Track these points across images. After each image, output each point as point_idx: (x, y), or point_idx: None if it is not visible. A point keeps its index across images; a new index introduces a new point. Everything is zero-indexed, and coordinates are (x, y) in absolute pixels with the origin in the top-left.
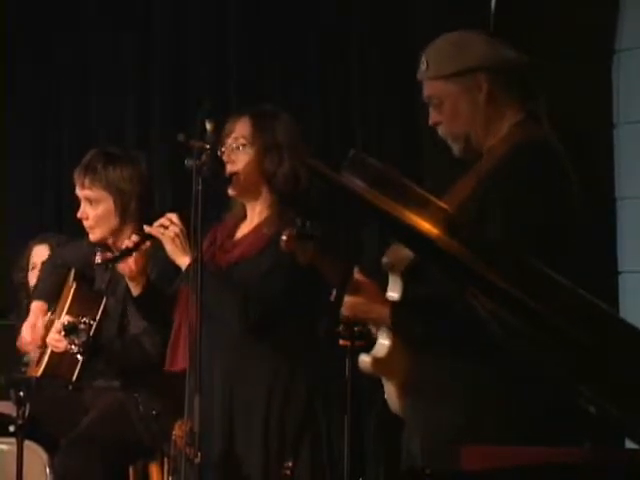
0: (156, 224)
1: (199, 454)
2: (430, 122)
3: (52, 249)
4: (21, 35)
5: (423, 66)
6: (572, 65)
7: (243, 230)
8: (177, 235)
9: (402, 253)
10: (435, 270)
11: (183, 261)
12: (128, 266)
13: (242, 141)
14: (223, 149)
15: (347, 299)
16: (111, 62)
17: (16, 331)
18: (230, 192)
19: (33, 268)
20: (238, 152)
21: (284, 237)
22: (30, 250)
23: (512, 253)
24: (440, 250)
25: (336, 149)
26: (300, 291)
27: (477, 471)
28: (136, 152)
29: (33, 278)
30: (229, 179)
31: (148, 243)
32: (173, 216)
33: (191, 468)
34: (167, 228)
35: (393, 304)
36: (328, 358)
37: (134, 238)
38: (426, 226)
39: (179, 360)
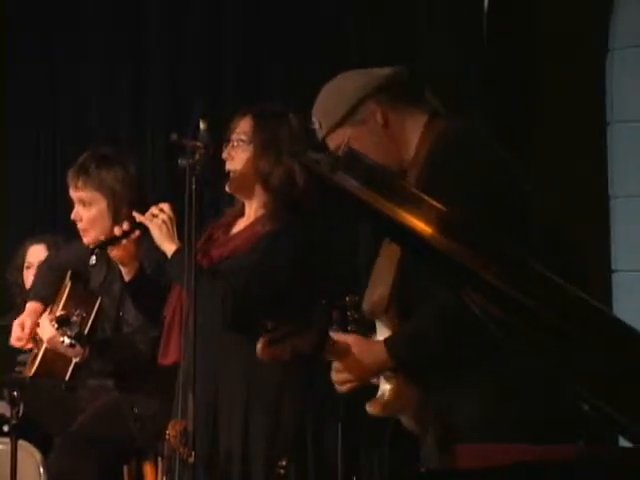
0: (147, 213)
1: (193, 453)
2: None
3: (49, 249)
4: (20, 35)
5: (317, 126)
6: (565, 64)
7: (239, 226)
8: (164, 222)
9: (377, 295)
10: (429, 268)
11: (169, 248)
12: (118, 251)
13: (242, 137)
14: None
15: (335, 369)
16: (107, 62)
17: (10, 331)
18: (227, 189)
19: (28, 267)
20: (237, 149)
21: (259, 346)
22: (26, 249)
23: (509, 251)
24: (434, 249)
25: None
26: (291, 289)
27: (473, 469)
28: (127, 152)
29: (29, 277)
30: (227, 175)
31: (138, 232)
32: (165, 205)
33: (185, 467)
34: (156, 216)
35: (389, 351)
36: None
37: (124, 226)
38: (420, 225)
39: (171, 353)
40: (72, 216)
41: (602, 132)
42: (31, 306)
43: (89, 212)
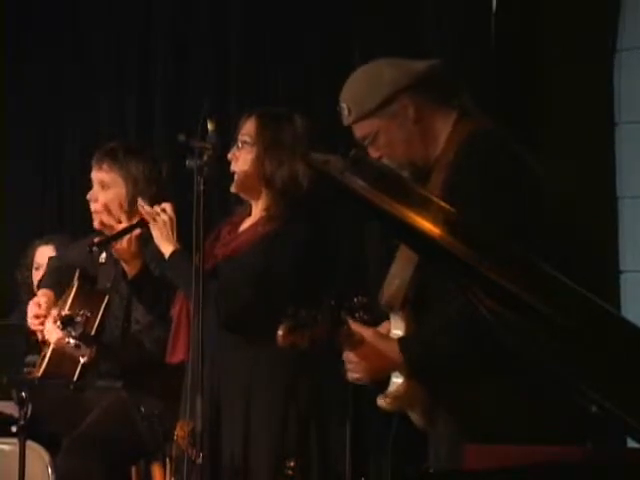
0: (151, 211)
1: (201, 454)
2: None
3: (57, 250)
4: (22, 35)
5: (345, 112)
6: (573, 65)
7: (245, 226)
8: (165, 223)
9: (394, 289)
10: (437, 270)
11: (167, 249)
12: (121, 247)
13: (247, 139)
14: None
15: (348, 359)
16: (112, 62)
17: (18, 331)
18: (232, 189)
19: (37, 268)
20: (242, 150)
21: (280, 332)
22: (35, 250)
23: (514, 252)
24: (442, 250)
25: (340, 149)
26: (293, 288)
27: (478, 470)
28: (156, 155)
29: (37, 277)
30: (233, 176)
31: (138, 230)
32: (167, 205)
33: (193, 468)
34: (158, 215)
35: (403, 352)
36: (327, 357)
37: (125, 223)
38: (428, 226)
39: (178, 352)
40: (88, 196)
41: (610, 133)
42: (42, 292)
43: (106, 194)
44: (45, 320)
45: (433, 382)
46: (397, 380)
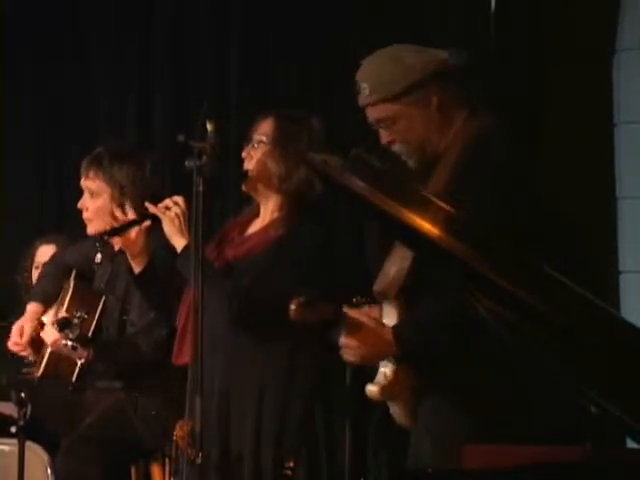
0: (161, 204)
1: (200, 455)
2: (383, 142)
3: (58, 249)
4: (21, 35)
5: (365, 92)
6: (572, 65)
7: (254, 227)
8: (177, 216)
9: (390, 278)
10: (435, 270)
11: (179, 243)
12: (130, 240)
13: (262, 138)
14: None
15: (345, 344)
16: (112, 62)
17: None
18: (243, 188)
19: (37, 268)
20: (257, 149)
21: (293, 306)
22: (35, 250)
23: (513, 252)
24: (441, 249)
25: (339, 149)
26: (302, 290)
27: (478, 470)
28: (144, 153)
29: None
30: (245, 175)
31: (148, 222)
32: (179, 198)
33: (192, 468)
34: (169, 209)
35: (396, 334)
36: (329, 360)
37: (130, 215)
38: (426, 226)
39: (185, 353)
40: (79, 204)
41: (609, 133)
42: (32, 308)
43: (95, 203)
44: (24, 349)
45: (423, 368)
46: (386, 370)
